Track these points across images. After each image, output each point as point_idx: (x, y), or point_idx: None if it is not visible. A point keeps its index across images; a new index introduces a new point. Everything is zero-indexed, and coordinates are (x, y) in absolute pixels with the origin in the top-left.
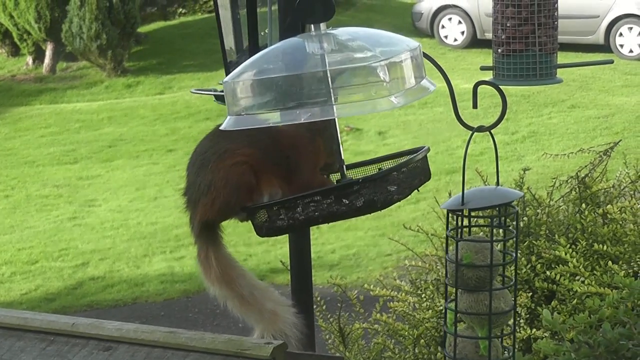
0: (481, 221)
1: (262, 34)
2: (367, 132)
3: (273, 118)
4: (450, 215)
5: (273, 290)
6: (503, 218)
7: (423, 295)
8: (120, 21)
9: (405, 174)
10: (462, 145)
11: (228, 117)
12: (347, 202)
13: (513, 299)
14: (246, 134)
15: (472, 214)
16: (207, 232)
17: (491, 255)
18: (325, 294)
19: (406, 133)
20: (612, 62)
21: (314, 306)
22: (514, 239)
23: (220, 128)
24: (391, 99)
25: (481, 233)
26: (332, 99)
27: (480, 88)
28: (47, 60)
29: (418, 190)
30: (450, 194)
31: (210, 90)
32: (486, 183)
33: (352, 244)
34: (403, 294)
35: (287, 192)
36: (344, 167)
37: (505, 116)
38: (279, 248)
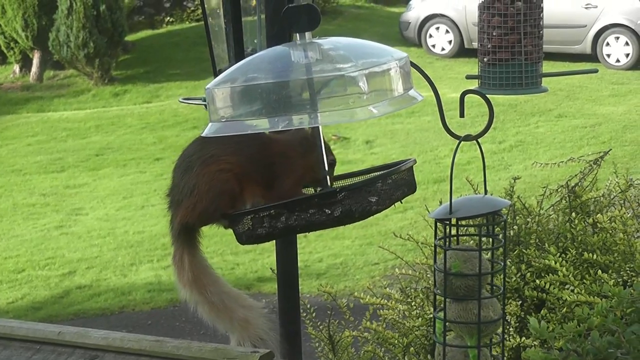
0: (470, 230)
1: (255, 41)
2: (354, 141)
3: (253, 125)
4: (438, 224)
5: (246, 296)
6: (491, 227)
7: (413, 304)
8: (108, 30)
9: (390, 185)
10: (449, 154)
11: (210, 124)
12: (327, 211)
13: (502, 307)
14: (235, 140)
15: (461, 222)
16: (185, 235)
17: (479, 264)
18: (314, 302)
19: (394, 142)
20: (596, 71)
21: (304, 314)
22: (503, 247)
23: (202, 135)
24: (370, 108)
25: (470, 242)
26: (312, 107)
27: (468, 97)
28: (34, 68)
29: (401, 202)
30: (440, 202)
31: (199, 99)
32: (477, 192)
33: (339, 253)
34: (393, 302)
35: (270, 201)
36: (327, 177)
37: (493, 125)
38: (267, 257)
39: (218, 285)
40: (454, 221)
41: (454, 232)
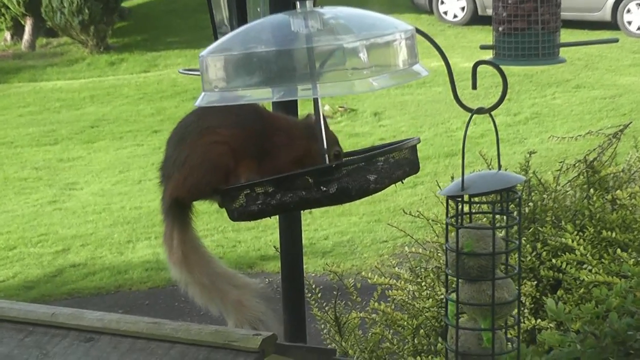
0: (483, 207)
1: (258, 9)
2: (362, 112)
3: (247, 95)
4: (450, 201)
5: (241, 276)
6: (505, 204)
7: (423, 284)
8: None
9: (391, 164)
10: (461, 127)
11: (202, 94)
12: (323, 188)
13: (517, 288)
14: (235, 112)
15: (473, 199)
16: (176, 211)
17: (493, 243)
18: (319, 282)
19: (403, 114)
20: (616, 40)
21: (309, 294)
22: (517, 225)
23: (195, 104)
24: (370, 80)
25: (483, 220)
26: (312, 78)
27: (481, 67)
28: (26, 36)
29: (402, 182)
30: (452, 178)
31: (198, 71)
32: (490, 167)
33: (346, 230)
34: (402, 282)
35: (265, 177)
36: (326, 156)
37: (507, 97)
38: (270, 234)
39: (209, 265)
40: (466, 198)
41: (466, 209)
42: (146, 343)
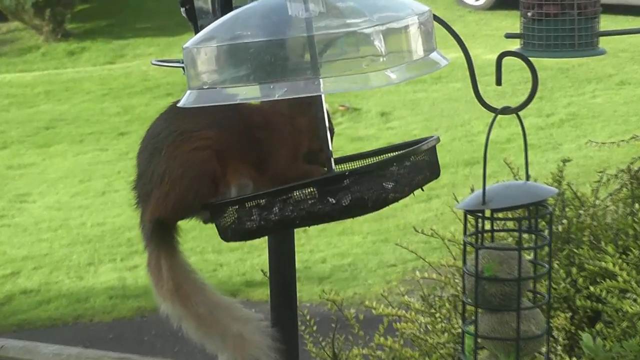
0: (508, 224)
1: None
2: (366, 112)
3: (242, 93)
4: (468, 216)
5: (240, 307)
6: (534, 221)
7: (437, 315)
8: None
9: (408, 168)
10: (484, 130)
11: (188, 92)
12: (332, 200)
13: (546, 320)
14: (209, 111)
15: (496, 215)
16: (160, 235)
17: (519, 267)
18: (315, 312)
19: (415, 114)
20: None
21: (303, 327)
22: (548, 246)
23: (179, 105)
24: (387, 73)
25: (508, 239)
26: (316, 71)
27: (507, 60)
28: None
29: (422, 189)
30: (472, 190)
31: (176, 62)
32: (516, 177)
33: (347, 252)
34: (412, 313)
35: (260, 184)
36: (332, 158)
37: (538, 94)
38: (257, 256)
39: (205, 295)
40: (487, 213)
41: (488, 226)
42: None
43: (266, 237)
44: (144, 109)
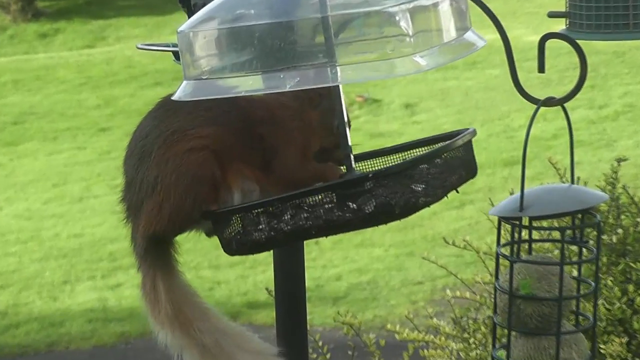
0: (552, 234)
1: None
2: (388, 104)
3: (247, 84)
4: (503, 224)
5: (250, 335)
6: (580, 230)
7: (471, 341)
8: None
9: (440, 167)
10: (525, 125)
11: (184, 83)
12: (353, 206)
13: (592, 347)
14: (204, 106)
15: (535, 223)
16: (155, 252)
17: (560, 284)
18: (329, 338)
19: (445, 106)
20: None
21: (314, 355)
22: (595, 260)
23: (173, 98)
24: (415, 58)
25: (555, 252)
26: (332, 58)
27: (552, 42)
28: None
29: (457, 191)
30: (511, 193)
31: (165, 46)
32: (563, 179)
33: (366, 267)
34: (442, 339)
35: (267, 188)
36: (352, 156)
37: (589, 82)
38: (260, 272)
39: (209, 321)
40: (525, 221)
41: (525, 236)
42: None
43: (271, 250)
44: (129, 101)
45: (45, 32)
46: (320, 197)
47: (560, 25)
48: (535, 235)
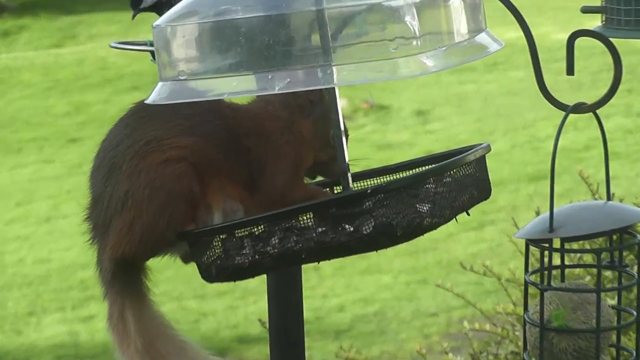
0: (584, 258)
1: None
2: (397, 111)
3: (231, 86)
4: (531, 248)
5: None
6: (618, 253)
7: None
8: None
9: (448, 185)
10: (553, 134)
11: (159, 84)
12: (349, 227)
13: None
14: (183, 114)
15: (568, 246)
16: (123, 278)
17: (598, 314)
18: None
19: (462, 113)
20: None
21: None
22: (637, 286)
23: (147, 101)
24: (422, 58)
25: (581, 279)
26: (327, 57)
27: (585, 41)
28: None
29: (467, 214)
30: (538, 213)
31: (143, 44)
32: (596, 196)
33: (372, 297)
34: None
35: (251, 206)
36: (349, 173)
37: (625, 87)
38: (252, 302)
39: (186, 356)
40: (556, 243)
41: (557, 261)
42: None
43: (264, 277)
44: (102, 108)
45: (7, 29)
46: (310, 215)
47: (594, 22)
48: (568, 260)
